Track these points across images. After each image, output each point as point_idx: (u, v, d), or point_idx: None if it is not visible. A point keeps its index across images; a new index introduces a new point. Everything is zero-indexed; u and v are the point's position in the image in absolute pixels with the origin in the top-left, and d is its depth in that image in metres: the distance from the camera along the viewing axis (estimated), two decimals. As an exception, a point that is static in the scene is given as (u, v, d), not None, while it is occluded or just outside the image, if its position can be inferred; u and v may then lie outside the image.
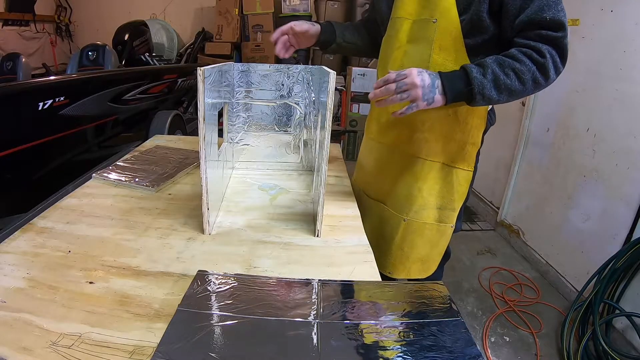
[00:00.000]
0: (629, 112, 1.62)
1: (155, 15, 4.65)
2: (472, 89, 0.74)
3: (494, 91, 0.74)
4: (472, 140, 0.92)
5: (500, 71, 0.74)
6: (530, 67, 0.74)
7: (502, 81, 0.74)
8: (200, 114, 0.69)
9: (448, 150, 0.93)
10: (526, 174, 2.30)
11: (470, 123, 0.90)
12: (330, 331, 0.51)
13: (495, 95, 0.75)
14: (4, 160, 1.59)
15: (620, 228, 1.63)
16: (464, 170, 0.94)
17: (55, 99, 1.79)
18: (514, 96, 0.77)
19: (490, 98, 0.75)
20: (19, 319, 0.53)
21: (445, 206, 0.96)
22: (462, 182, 0.95)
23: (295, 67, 1.07)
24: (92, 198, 0.91)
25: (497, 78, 0.74)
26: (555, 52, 0.75)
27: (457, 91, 0.75)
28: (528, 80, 0.75)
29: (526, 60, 0.74)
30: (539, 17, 0.73)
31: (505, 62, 0.75)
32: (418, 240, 0.99)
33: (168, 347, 0.47)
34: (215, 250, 0.73)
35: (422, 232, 0.98)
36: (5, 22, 3.99)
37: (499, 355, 1.58)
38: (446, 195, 0.96)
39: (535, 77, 0.75)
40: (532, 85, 0.76)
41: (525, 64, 0.74)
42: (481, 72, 0.74)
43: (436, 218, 0.97)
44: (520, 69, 0.74)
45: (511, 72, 0.74)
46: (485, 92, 0.74)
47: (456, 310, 0.57)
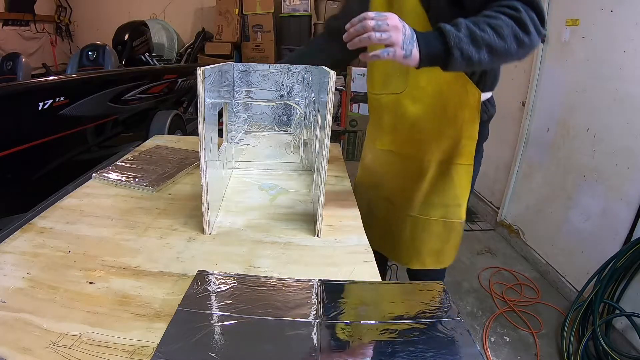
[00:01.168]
0: (629, 112, 1.62)
1: (155, 15, 4.65)
2: (447, 43, 0.66)
3: (472, 47, 0.67)
4: (467, 134, 0.90)
5: (475, 27, 0.67)
6: (506, 21, 0.68)
7: (479, 35, 0.67)
8: (200, 114, 0.69)
9: (443, 148, 0.91)
10: (526, 174, 2.30)
11: (460, 117, 0.88)
12: (330, 331, 0.51)
13: (474, 51, 0.67)
14: (4, 160, 1.59)
15: (620, 228, 1.63)
16: (463, 164, 0.93)
17: (55, 99, 1.79)
18: (498, 54, 0.69)
19: (469, 55, 0.67)
20: (19, 319, 0.53)
21: (450, 203, 0.96)
22: (463, 176, 0.94)
23: (295, 67, 1.07)
24: (92, 198, 0.91)
25: (473, 33, 0.67)
26: (532, 10, 0.69)
27: (432, 47, 0.68)
28: (508, 35, 0.67)
29: (500, 15, 0.68)
30: None
31: (478, 19, 0.69)
32: (426, 236, 0.99)
33: (168, 347, 0.47)
34: (215, 250, 0.73)
35: (429, 228, 0.98)
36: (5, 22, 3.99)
37: (499, 355, 1.58)
38: (448, 192, 0.95)
39: (515, 32, 0.68)
40: (514, 42, 0.68)
41: (500, 19, 0.68)
42: (455, 27, 0.68)
43: (442, 215, 0.97)
44: (496, 23, 0.67)
45: (487, 27, 0.67)
46: (462, 47, 0.66)
47: (456, 310, 0.57)
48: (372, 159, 1.09)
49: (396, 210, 1.02)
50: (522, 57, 0.72)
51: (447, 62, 0.68)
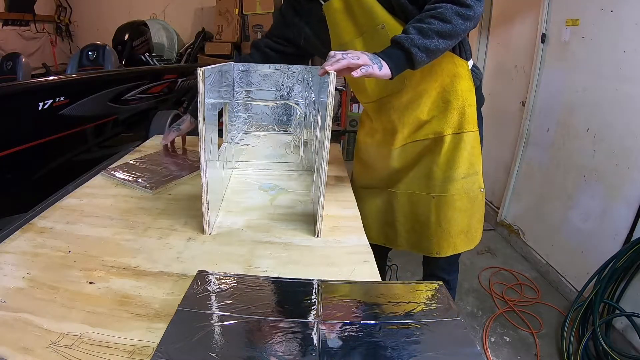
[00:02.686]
0: (629, 112, 1.62)
1: (155, 15, 4.65)
2: (404, 47, 0.76)
3: (424, 39, 0.76)
4: (469, 102, 0.96)
5: (420, 24, 0.77)
6: (445, 6, 0.77)
7: (425, 29, 0.76)
8: (200, 114, 0.69)
9: (452, 120, 0.97)
10: (526, 174, 2.30)
11: (460, 88, 0.95)
12: (330, 331, 0.51)
13: (428, 42, 0.76)
14: (4, 160, 1.59)
15: (620, 228, 1.63)
16: (471, 132, 0.98)
17: (55, 99, 1.79)
18: (450, 35, 0.78)
19: (425, 46, 0.76)
20: (19, 319, 0.53)
21: (468, 173, 1.00)
22: (474, 143, 0.99)
23: (295, 67, 1.07)
24: (92, 198, 0.91)
25: (420, 29, 0.77)
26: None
27: (394, 56, 0.77)
28: (451, 16, 0.77)
29: (439, 4, 0.78)
30: None
31: (422, 16, 0.79)
32: (453, 214, 1.01)
33: (168, 347, 0.47)
34: (215, 250, 0.73)
35: (454, 204, 1.01)
36: (5, 22, 3.99)
37: (499, 355, 1.58)
38: (464, 162, 0.99)
39: (457, 11, 0.77)
40: (460, 20, 0.77)
41: (440, 7, 0.77)
42: (405, 33, 0.78)
43: (463, 188, 1.00)
44: (437, 12, 0.77)
45: (431, 19, 0.77)
46: (417, 43, 0.76)
47: (456, 310, 0.57)
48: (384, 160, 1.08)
49: (419, 197, 1.05)
50: (473, 25, 0.82)
51: (412, 61, 0.77)
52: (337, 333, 0.51)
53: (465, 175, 1.00)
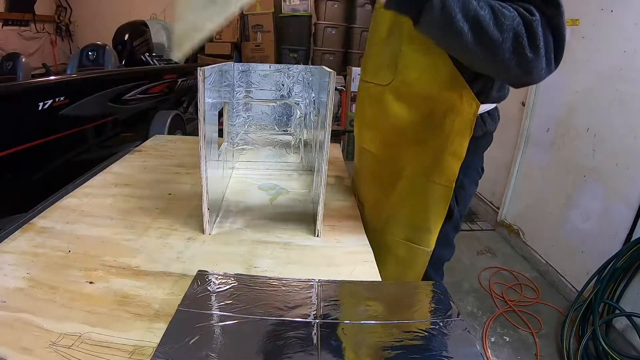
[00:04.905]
0: (629, 112, 1.62)
1: (155, 15, 4.65)
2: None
3: (458, 9, 0.53)
4: (452, 149, 0.74)
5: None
6: (514, 16, 0.55)
7: (472, 5, 0.53)
8: (200, 114, 0.69)
9: (420, 159, 0.78)
10: (526, 174, 2.30)
11: (448, 128, 0.73)
12: (330, 331, 0.51)
13: (459, 16, 0.53)
14: (4, 160, 1.59)
15: (620, 228, 1.63)
16: (442, 185, 0.78)
17: (55, 99, 1.79)
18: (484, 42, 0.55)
19: (451, 14, 0.53)
20: (19, 319, 0.53)
21: (419, 225, 0.83)
22: (439, 199, 0.79)
23: (295, 67, 1.07)
24: (92, 198, 0.91)
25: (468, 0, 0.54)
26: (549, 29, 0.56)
27: None
28: (508, 29, 0.54)
29: (509, 8, 0.55)
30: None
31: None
32: (388, 257, 0.87)
33: (168, 347, 0.47)
34: (215, 250, 0.73)
35: (391, 249, 0.87)
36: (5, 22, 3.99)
37: (499, 355, 1.58)
38: (419, 212, 0.82)
39: (517, 32, 0.54)
40: (512, 43, 0.55)
41: (508, 10, 0.55)
42: None
43: (407, 237, 0.85)
44: (499, 9, 0.55)
45: (487, 7, 0.55)
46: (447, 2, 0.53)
47: (456, 310, 0.57)
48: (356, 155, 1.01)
49: (364, 217, 0.91)
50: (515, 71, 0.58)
51: (422, 9, 0.54)
52: (337, 333, 0.51)
53: (414, 226, 0.84)
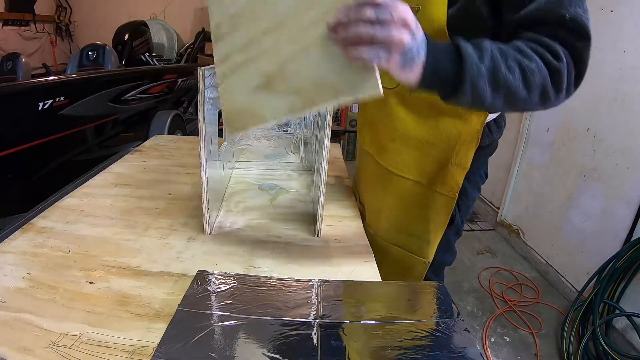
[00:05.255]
0: (629, 112, 1.62)
1: (155, 15, 4.65)
2: (462, 70, 0.49)
3: (488, 86, 0.50)
4: (457, 159, 0.72)
5: (503, 60, 0.50)
6: (541, 67, 0.52)
7: (502, 74, 0.50)
8: (200, 114, 0.69)
9: (423, 167, 0.76)
10: (526, 174, 2.30)
11: (454, 138, 0.71)
12: (330, 331, 0.51)
13: (489, 93, 0.51)
14: (4, 160, 1.59)
15: (620, 228, 1.63)
16: (445, 195, 0.75)
17: (55, 99, 1.79)
18: (513, 103, 0.54)
19: (481, 96, 0.51)
20: (19, 319, 0.53)
21: (418, 235, 0.81)
22: (440, 209, 0.77)
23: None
24: (92, 198, 0.91)
25: (497, 68, 0.50)
26: (573, 65, 0.54)
27: (441, 67, 0.50)
28: (536, 87, 0.52)
29: (536, 57, 0.52)
30: (555, 13, 0.53)
31: (508, 51, 0.52)
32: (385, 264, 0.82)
33: (168, 347, 0.47)
34: (215, 250, 0.73)
35: (389, 256, 0.85)
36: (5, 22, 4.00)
37: (499, 355, 1.58)
38: (420, 222, 0.79)
39: (544, 86, 0.52)
40: (539, 95, 0.53)
41: (535, 61, 0.51)
42: (477, 55, 0.50)
43: (406, 246, 0.83)
44: (528, 66, 0.51)
45: (516, 66, 0.51)
46: (478, 83, 0.50)
47: (456, 310, 0.57)
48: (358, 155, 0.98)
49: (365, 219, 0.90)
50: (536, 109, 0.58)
51: (451, 93, 0.52)
52: (338, 333, 0.51)
53: (414, 235, 0.81)
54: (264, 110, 0.61)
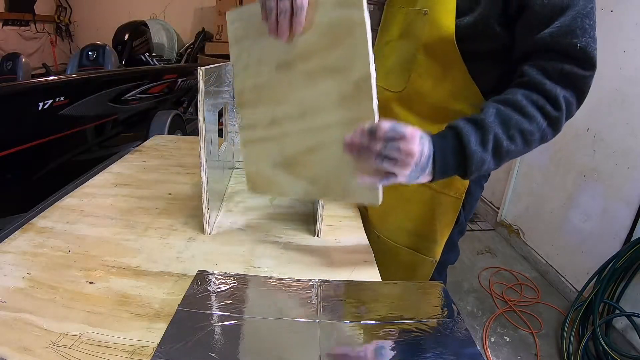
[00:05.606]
0: (629, 112, 1.62)
1: (155, 15, 4.65)
2: (468, 166, 0.57)
3: (493, 163, 0.58)
4: None
5: (504, 134, 0.57)
6: (540, 124, 0.58)
7: (504, 148, 0.57)
8: (200, 114, 0.69)
9: None
10: (526, 174, 2.30)
11: None
12: (330, 331, 0.51)
13: (493, 166, 0.59)
14: (4, 160, 1.59)
15: (620, 228, 1.63)
16: (451, 197, 0.77)
17: (55, 99, 1.79)
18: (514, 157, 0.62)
19: (486, 170, 0.59)
20: (19, 319, 0.53)
21: (425, 235, 0.82)
22: (447, 210, 0.79)
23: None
24: (92, 198, 0.91)
25: (499, 145, 0.57)
26: (574, 96, 0.59)
27: (449, 168, 0.57)
28: (535, 142, 0.59)
29: (537, 115, 0.58)
30: (567, 42, 0.56)
31: (511, 120, 0.57)
32: (393, 264, 0.86)
33: (168, 347, 0.47)
34: (215, 250, 0.73)
35: (396, 256, 0.86)
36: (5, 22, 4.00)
37: (499, 355, 1.58)
38: (426, 222, 0.81)
39: (543, 136, 0.59)
40: (538, 144, 0.61)
41: (535, 120, 0.58)
42: (480, 141, 0.56)
43: (412, 245, 0.84)
44: (528, 129, 0.57)
45: (517, 134, 0.57)
46: (482, 168, 0.58)
47: (456, 310, 0.57)
48: None
49: (368, 223, 0.90)
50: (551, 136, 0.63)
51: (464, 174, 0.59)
52: (338, 333, 0.51)
53: (421, 235, 0.82)
54: (283, 186, 0.67)
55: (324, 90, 0.58)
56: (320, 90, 0.58)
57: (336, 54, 0.56)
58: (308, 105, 0.60)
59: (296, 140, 0.63)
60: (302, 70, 0.59)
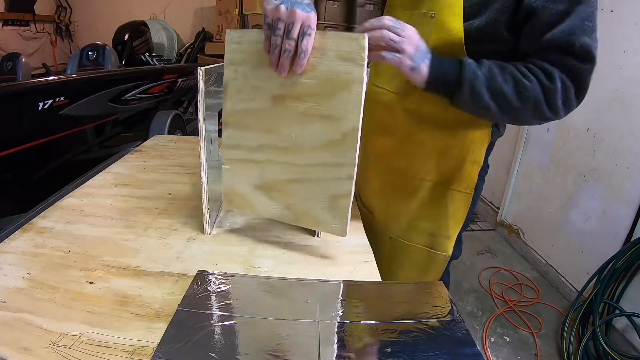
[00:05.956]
0: (629, 112, 1.62)
1: (155, 15, 4.65)
2: (462, 74, 0.63)
3: (485, 90, 0.63)
4: (473, 157, 0.78)
5: (500, 72, 0.63)
6: (535, 86, 0.62)
7: (498, 83, 0.62)
8: (200, 114, 0.69)
9: (442, 169, 0.80)
10: (526, 174, 2.30)
11: (470, 137, 0.77)
12: (331, 331, 0.51)
13: (486, 94, 0.63)
14: (4, 160, 1.59)
15: (620, 228, 1.63)
16: (462, 192, 0.81)
17: (55, 99, 1.79)
18: (509, 112, 0.65)
19: (479, 96, 0.63)
20: (19, 319, 0.53)
21: (439, 232, 0.85)
22: (459, 206, 0.82)
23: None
24: (92, 198, 0.91)
25: (493, 77, 0.63)
26: (572, 84, 0.62)
27: (444, 71, 0.64)
28: (529, 99, 0.63)
29: (532, 77, 0.62)
30: (567, 40, 0.60)
31: (507, 67, 0.64)
32: (405, 262, 0.89)
33: (168, 347, 0.47)
34: (215, 250, 0.73)
35: (409, 254, 0.88)
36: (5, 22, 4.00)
37: (499, 355, 1.58)
38: (439, 219, 0.84)
39: (537, 100, 0.63)
40: (532, 109, 0.64)
41: (529, 79, 0.62)
42: (476, 64, 0.64)
43: (426, 243, 0.86)
44: (523, 82, 0.62)
45: (511, 79, 0.63)
46: (475, 85, 0.62)
47: (456, 310, 0.57)
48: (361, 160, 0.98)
49: (377, 225, 0.91)
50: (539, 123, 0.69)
51: (454, 93, 0.65)
52: (338, 333, 0.51)
53: (434, 233, 0.85)
54: (259, 206, 0.73)
55: (314, 132, 0.63)
56: (310, 131, 0.63)
57: (331, 104, 0.61)
58: (296, 141, 0.65)
59: (278, 169, 0.68)
60: (296, 108, 0.63)
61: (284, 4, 0.56)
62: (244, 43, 0.64)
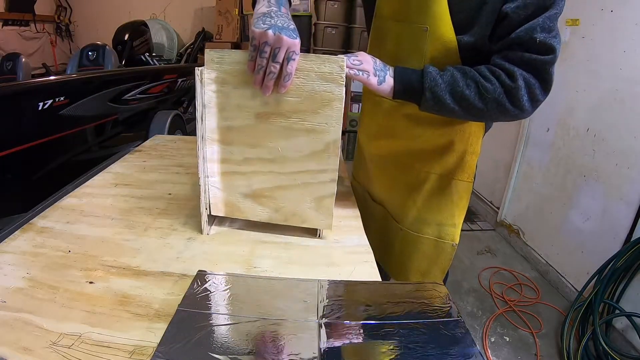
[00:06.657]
0: (629, 112, 1.62)
1: (155, 15, 4.65)
2: (423, 82, 0.68)
3: (448, 95, 0.68)
4: (472, 149, 0.85)
5: (462, 78, 0.68)
6: (496, 87, 0.67)
7: (459, 88, 0.68)
8: (198, 114, 0.69)
9: (446, 161, 0.86)
10: (526, 174, 2.30)
11: (468, 130, 0.83)
12: (331, 331, 0.51)
13: (448, 99, 0.68)
14: (4, 160, 1.59)
15: (620, 228, 1.63)
16: (464, 181, 0.87)
17: (55, 99, 1.79)
18: (473, 113, 0.70)
19: (442, 101, 0.68)
20: (19, 319, 0.53)
21: (445, 222, 0.90)
22: (463, 194, 0.88)
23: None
24: (92, 198, 0.91)
25: (455, 83, 0.68)
26: (536, 79, 0.66)
27: (407, 81, 0.70)
28: (490, 101, 0.67)
29: (493, 79, 0.67)
30: (528, 37, 0.64)
31: (469, 72, 0.68)
32: (415, 253, 0.94)
33: (168, 347, 0.47)
34: (215, 250, 0.73)
35: (419, 245, 0.93)
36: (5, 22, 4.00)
37: (499, 355, 1.58)
38: (445, 210, 0.89)
39: (500, 101, 0.67)
40: (496, 109, 0.68)
41: (490, 81, 0.67)
42: (438, 72, 0.69)
43: (435, 233, 0.91)
44: (484, 85, 0.67)
45: (472, 83, 0.68)
46: (436, 91, 0.68)
47: (456, 310, 0.57)
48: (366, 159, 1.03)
49: (389, 219, 0.97)
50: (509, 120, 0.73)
51: (420, 100, 0.71)
52: (338, 333, 0.51)
53: (441, 223, 0.90)
54: (248, 211, 0.77)
55: (298, 144, 0.68)
56: (295, 143, 0.68)
57: (315, 119, 0.66)
58: (282, 153, 0.70)
59: (265, 178, 0.73)
60: (280, 124, 0.68)
61: (271, 29, 0.59)
62: (225, 63, 0.66)
